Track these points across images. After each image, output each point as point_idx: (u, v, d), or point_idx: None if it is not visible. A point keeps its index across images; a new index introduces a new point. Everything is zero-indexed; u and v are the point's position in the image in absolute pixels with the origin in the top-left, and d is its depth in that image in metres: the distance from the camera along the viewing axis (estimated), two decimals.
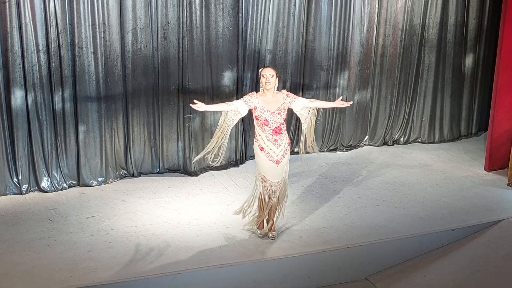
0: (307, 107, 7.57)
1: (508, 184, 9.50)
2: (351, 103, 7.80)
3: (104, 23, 8.78)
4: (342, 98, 7.71)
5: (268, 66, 7.53)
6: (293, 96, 7.54)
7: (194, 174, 9.62)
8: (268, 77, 7.35)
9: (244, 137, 10.06)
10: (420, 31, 10.89)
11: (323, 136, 10.74)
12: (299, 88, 10.28)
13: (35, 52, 8.49)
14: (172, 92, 9.40)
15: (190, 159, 9.57)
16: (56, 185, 8.93)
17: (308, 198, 8.96)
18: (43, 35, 8.51)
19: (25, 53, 8.43)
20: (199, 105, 7.33)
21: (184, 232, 7.89)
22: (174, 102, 9.43)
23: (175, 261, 7.20)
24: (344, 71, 10.54)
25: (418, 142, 11.41)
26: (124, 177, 9.45)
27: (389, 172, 9.98)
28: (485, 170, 10.09)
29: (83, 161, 9.05)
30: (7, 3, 8.19)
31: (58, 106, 8.79)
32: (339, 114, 10.71)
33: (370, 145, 11.13)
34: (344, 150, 10.86)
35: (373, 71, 10.79)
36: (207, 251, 7.45)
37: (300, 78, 10.29)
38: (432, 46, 11.05)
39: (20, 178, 8.77)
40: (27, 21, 8.35)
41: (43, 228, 7.90)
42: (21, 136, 8.67)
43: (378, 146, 11.11)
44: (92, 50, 8.77)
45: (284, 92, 7.54)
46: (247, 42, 9.77)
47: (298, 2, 9.90)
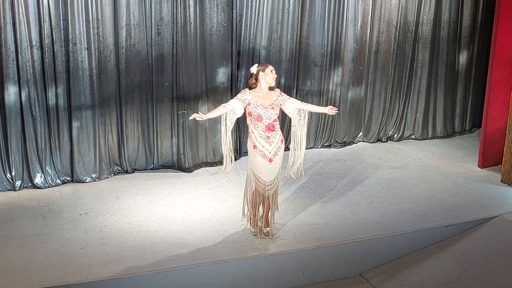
0: (299, 109, 7.55)
1: (501, 181, 9.52)
2: (337, 111, 7.80)
3: (97, 19, 8.76)
4: (333, 107, 7.70)
5: (268, 63, 7.54)
6: (285, 96, 7.54)
7: (188, 170, 9.61)
8: (274, 72, 7.44)
9: (238, 133, 10.06)
10: (414, 28, 10.90)
11: (317, 132, 10.75)
12: (293, 85, 10.28)
13: (29, 47, 8.47)
14: (166, 88, 9.38)
15: (185, 155, 9.57)
16: (49, 181, 8.91)
17: (302, 195, 8.96)
18: (37, 30, 8.49)
19: (18, 48, 8.41)
20: (200, 115, 7.31)
21: (178, 229, 7.88)
22: (168, 98, 9.42)
23: (169, 257, 7.19)
24: (338, 67, 10.54)
25: (412, 138, 11.42)
26: (118, 173, 9.44)
27: (383, 169, 9.99)
28: (478, 166, 10.11)
29: (77, 157, 9.04)
30: None
31: (52, 102, 8.77)
32: None
33: (364, 141, 11.14)
34: (338, 147, 10.87)
35: (367, 67, 10.80)
36: (201, 247, 7.44)
37: (294, 74, 10.29)
38: (426, 43, 11.06)
39: (13, 174, 8.75)
40: (20, 16, 8.33)
41: (36, 224, 7.88)
42: (14, 132, 8.65)
43: (372, 142, 11.12)
44: (85, 46, 8.75)
45: (278, 90, 7.54)
46: (242, 39, 9.77)
47: None
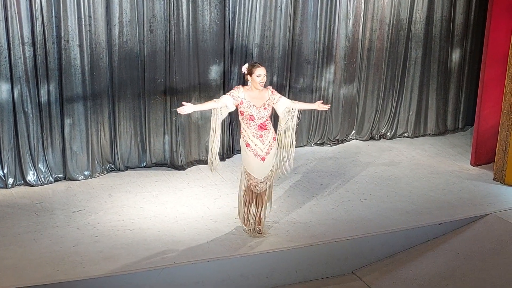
0: (290, 109, 7.52)
1: (494, 179, 9.55)
2: (329, 106, 7.79)
3: (90, 16, 8.73)
4: (322, 102, 7.69)
5: (259, 64, 7.47)
6: (277, 94, 7.51)
7: (181, 168, 9.60)
8: (262, 77, 7.33)
9: (231, 131, 10.05)
10: (407, 26, 10.92)
11: (310, 130, 10.75)
12: (286, 82, 10.28)
13: (21, 44, 8.44)
14: (159, 86, 9.37)
15: (178, 152, 9.56)
16: (42, 179, 8.88)
17: (295, 193, 8.96)
18: (29, 27, 8.46)
19: (11, 45, 8.38)
20: (187, 105, 7.28)
21: (171, 227, 7.87)
22: (160, 96, 9.40)
23: (162, 255, 7.18)
24: (330, 65, 10.55)
25: (405, 136, 11.45)
26: (111, 171, 9.42)
27: (375, 167, 10.00)
28: (471, 164, 10.14)
29: (69, 155, 9.02)
30: None
31: (44, 99, 8.74)
32: None
33: (357, 139, 11.15)
34: (331, 145, 10.88)
35: (360, 65, 10.81)
36: (194, 245, 7.44)
37: (287, 72, 10.29)
38: (419, 41, 11.09)
39: (5, 171, 8.72)
40: (12, 13, 8.29)
41: (29, 222, 7.85)
42: (6, 129, 8.62)
43: (365, 140, 11.14)
44: (78, 43, 8.72)
45: (270, 88, 7.51)
46: (234, 36, 9.76)
47: None
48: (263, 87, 7.40)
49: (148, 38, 9.15)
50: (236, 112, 7.51)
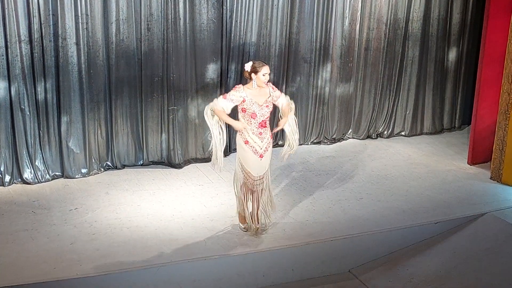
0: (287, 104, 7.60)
1: (491, 178, 9.56)
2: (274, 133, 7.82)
3: (87, 14, 8.72)
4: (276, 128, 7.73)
5: (264, 62, 7.49)
6: (278, 91, 7.53)
7: (178, 166, 9.60)
8: (267, 75, 7.37)
9: (228, 129, 10.03)
10: (404, 25, 10.93)
11: (307, 129, 10.75)
12: (283, 81, 10.28)
13: (18, 42, 8.43)
14: (156, 84, 9.36)
15: (175, 151, 9.56)
16: (39, 176, 8.88)
17: (292, 191, 8.97)
18: (26, 25, 8.45)
19: (8, 43, 8.37)
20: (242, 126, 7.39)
21: (168, 225, 7.87)
22: (158, 94, 9.40)
23: (159, 253, 7.18)
24: (327, 63, 10.56)
25: (402, 135, 11.46)
26: (108, 169, 9.42)
27: (372, 166, 10.01)
28: (468, 163, 10.15)
29: (66, 152, 9.01)
30: None
31: (41, 96, 8.74)
32: (322, 107, 10.72)
33: (354, 138, 11.16)
34: (328, 143, 10.89)
35: (357, 64, 10.82)
36: (191, 243, 7.44)
37: (284, 70, 10.29)
38: (416, 40, 11.10)
39: (2, 169, 8.71)
40: (10, 11, 8.29)
41: (26, 220, 7.85)
42: (4, 127, 8.61)
43: (362, 139, 11.15)
44: (75, 41, 8.72)
45: (270, 85, 7.53)
46: (232, 35, 9.76)
47: None
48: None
49: (146, 36, 9.15)
50: (234, 110, 7.50)
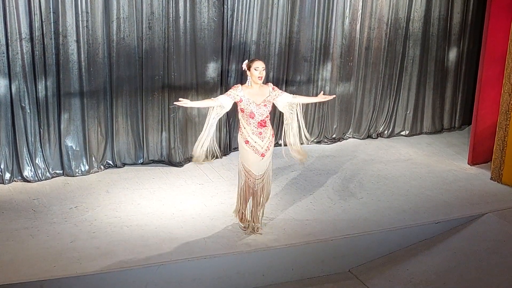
0: (291, 103, 7.53)
1: (491, 178, 9.56)
2: (334, 96, 7.81)
3: (87, 12, 8.72)
4: (323, 92, 7.70)
5: (257, 59, 7.48)
6: (278, 90, 7.51)
7: (179, 164, 9.60)
8: (261, 70, 7.30)
9: (229, 128, 10.05)
10: (405, 25, 10.93)
11: (307, 128, 10.68)
12: (283, 80, 10.28)
13: (19, 40, 8.43)
14: (156, 82, 9.36)
15: (175, 149, 9.56)
16: (39, 174, 8.88)
17: (293, 190, 8.96)
18: (27, 23, 8.45)
19: (9, 41, 8.37)
20: (184, 101, 7.31)
21: (168, 223, 7.87)
22: (158, 93, 9.40)
23: (159, 252, 7.18)
24: (327, 63, 10.56)
25: (402, 135, 11.45)
26: (108, 167, 9.42)
27: (373, 165, 10.01)
28: (468, 164, 10.14)
29: (67, 150, 9.01)
30: None
31: (42, 94, 8.74)
32: (322, 106, 10.72)
33: (355, 137, 11.16)
34: (328, 143, 10.89)
35: (357, 63, 10.82)
36: (191, 242, 7.44)
37: (284, 69, 10.29)
38: (417, 40, 11.10)
39: (2, 167, 8.71)
40: (11, 9, 8.29)
41: (26, 218, 7.85)
42: (4, 125, 8.61)
43: (363, 139, 11.15)
44: (75, 39, 8.72)
45: (270, 85, 7.51)
46: (233, 34, 9.76)
47: None
48: (262, 82, 7.39)
49: (147, 35, 9.14)
50: (234, 109, 7.50)
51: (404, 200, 8.80)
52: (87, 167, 9.17)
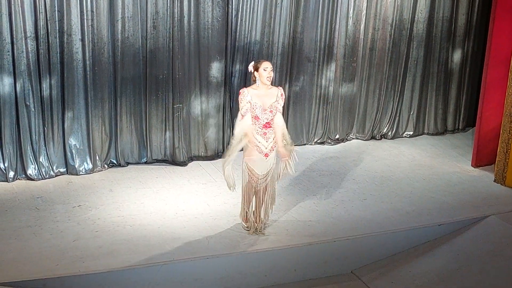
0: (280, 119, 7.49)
1: (494, 181, 9.54)
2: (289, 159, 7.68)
3: (92, 11, 8.74)
4: (286, 159, 7.60)
5: (264, 60, 7.44)
6: (282, 102, 7.41)
7: (182, 164, 9.60)
8: (269, 70, 7.26)
9: (232, 128, 10.04)
10: (409, 26, 10.93)
11: (310, 129, 10.74)
12: (286, 80, 10.28)
13: (24, 38, 8.44)
14: (161, 82, 9.37)
15: (179, 149, 9.57)
16: (43, 173, 8.88)
17: (295, 191, 8.96)
18: (32, 22, 8.46)
19: (14, 40, 8.38)
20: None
21: (171, 223, 7.87)
22: (162, 92, 9.40)
23: (162, 251, 7.18)
24: (331, 63, 10.55)
25: (406, 136, 11.44)
26: (112, 166, 9.42)
27: (376, 167, 10.00)
28: (472, 166, 10.13)
29: (71, 149, 9.02)
30: None
31: (46, 93, 8.75)
32: (326, 106, 10.71)
33: (358, 139, 11.15)
34: (332, 144, 10.88)
35: (361, 64, 10.81)
36: (193, 242, 7.44)
37: (287, 69, 10.28)
38: (421, 41, 11.10)
39: (6, 165, 8.72)
40: (16, 7, 8.30)
41: (29, 216, 7.86)
42: (8, 123, 8.62)
43: (366, 140, 11.14)
44: (80, 37, 8.72)
45: (281, 90, 7.44)
46: (237, 34, 9.76)
47: None
48: (270, 83, 7.35)
49: (151, 34, 9.15)
50: (237, 108, 7.48)
51: (407, 202, 8.79)
52: (90, 166, 9.18)
